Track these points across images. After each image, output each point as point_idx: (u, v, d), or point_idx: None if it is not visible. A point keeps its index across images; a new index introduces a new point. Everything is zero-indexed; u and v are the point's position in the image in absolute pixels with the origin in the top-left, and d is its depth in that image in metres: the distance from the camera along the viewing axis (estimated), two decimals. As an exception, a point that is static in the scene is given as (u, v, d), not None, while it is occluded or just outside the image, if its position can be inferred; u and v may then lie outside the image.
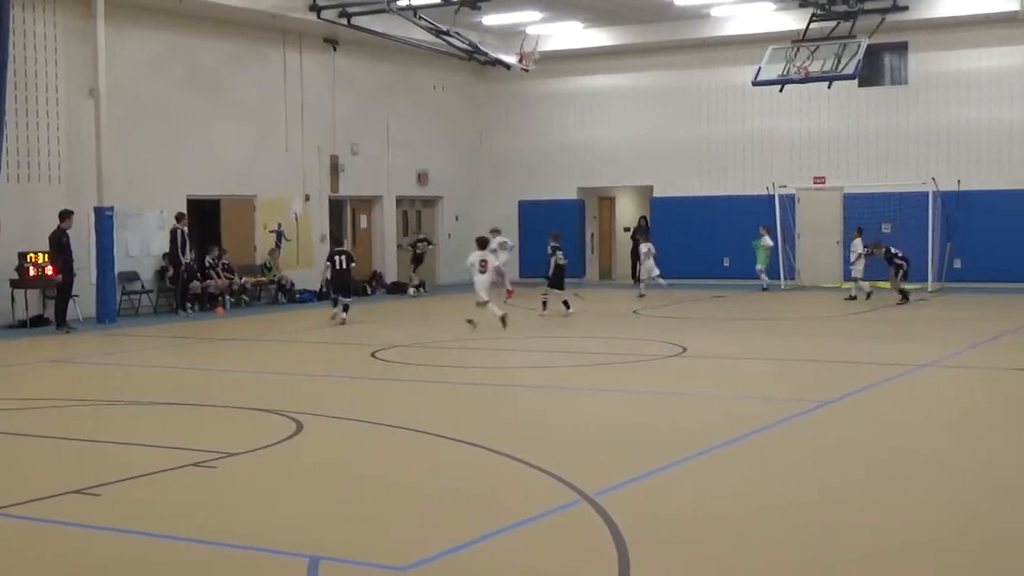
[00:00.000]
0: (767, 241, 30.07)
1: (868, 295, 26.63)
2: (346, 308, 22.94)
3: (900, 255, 25.92)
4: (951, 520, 7.98)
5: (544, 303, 24.03)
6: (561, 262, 24.15)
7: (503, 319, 20.52)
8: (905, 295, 25.55)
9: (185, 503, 8.81)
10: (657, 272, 28.85)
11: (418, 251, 30.88)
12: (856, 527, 7.89)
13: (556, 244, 24.42)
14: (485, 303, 21.16)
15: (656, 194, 33.93)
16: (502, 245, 28.84)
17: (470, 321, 21.08)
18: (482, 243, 22.65)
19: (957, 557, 7.21)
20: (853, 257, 27.02)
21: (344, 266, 23.10)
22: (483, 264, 21.44)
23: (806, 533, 7.77)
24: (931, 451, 10.38)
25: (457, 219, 35.04)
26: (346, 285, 23.34)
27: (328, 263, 23.33)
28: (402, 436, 11.41)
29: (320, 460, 10.41)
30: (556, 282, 24.10)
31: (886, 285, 29.63)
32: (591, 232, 35.87)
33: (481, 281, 21.34)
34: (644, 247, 29.43)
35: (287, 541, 7.64)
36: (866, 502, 8.58)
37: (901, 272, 25.75)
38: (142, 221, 25.53)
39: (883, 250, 25.97)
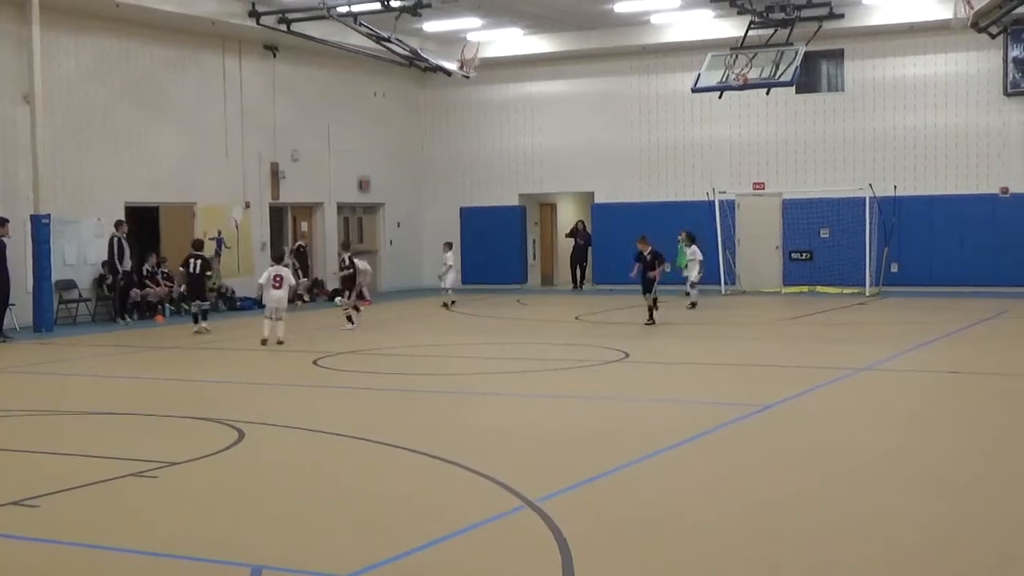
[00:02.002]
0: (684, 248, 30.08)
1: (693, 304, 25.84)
2: (204, 315, 22.69)
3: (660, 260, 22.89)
4: (901, 526, 8.04)
5: (351, 315, 23.07)
6: (348, 270, 23.32)
7: (264, 341, 19.94)
8: (652, 314, 22.67)
9: (126, 514, 8.73)
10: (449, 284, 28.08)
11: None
12: (803, 531, 7.97)
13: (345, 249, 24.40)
14: (279, 319, 20.20)
15: (597, 200, 34.07)
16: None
17: (280, 341, 20.05)
18: (278, 258, 21.78)
19: (910, 564, 7.30)
20: (695, 266, 26.07)
21: (197, 270, 22.55)
22: (277, 279, 20.30)
23: (751, 536, 7.83)
24: (874, 454, 10.49)
25: (399, 226, 35.01)
26: (200, 290, 22.92)
27: (182, 267, 23.05)
28: (344, 444, 11.37)
29: (262, 469, 10.35)
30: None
31: (828, 290, 29.99)
32: (532, 238, 35.94)
33: (277, 298, 20.21)
34: (449, 255, 28.43)
35: (229, 550, 7.59)
36: (814, 505, 8.67)
37: (655, 284, 22.62)
38: (79, 229, 25.23)
39: (649, 248, 22.96)
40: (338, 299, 24.00)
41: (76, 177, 25.12)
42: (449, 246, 28.75)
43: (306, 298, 29.03)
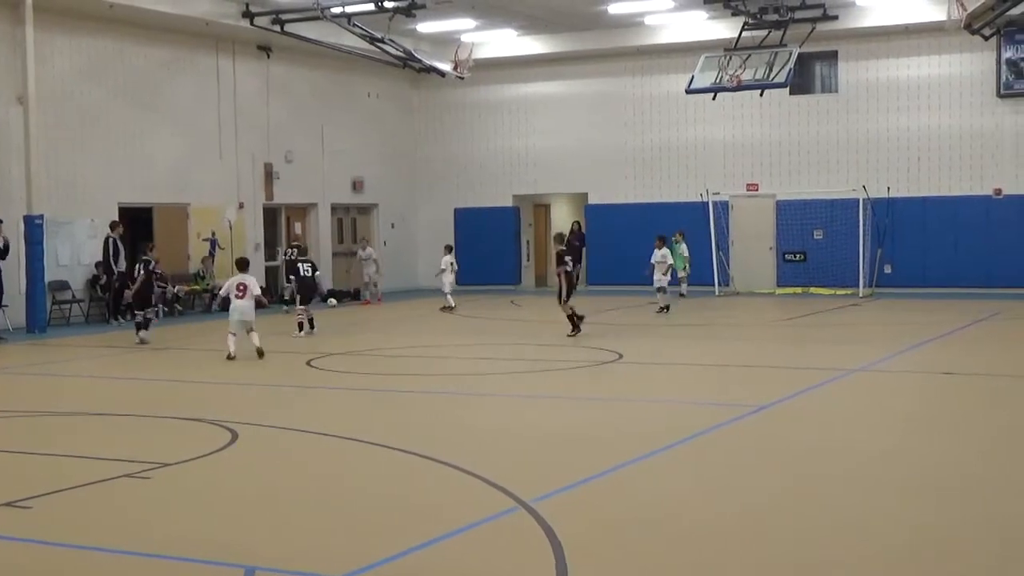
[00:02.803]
0: (683, 249, 30.16)
1: (666, 307, 25.01)
2: (146, 324, 20.66)
3: (569, 260, 21.28)
4: (897, 526, 8.04)
5: (301, 324, 21.90)
6: (305, 273, 22.26)
7: (232, 356, 17.93)
8: (574, 321, 20.68)
9: (119, 514, 8.72)
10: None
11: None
12: (799, 531, 7.97)
13: (302, 255, 23.26)
14: (251, 330, 18.21)
15: (591, 201, 34.07)
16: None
17: (231, 358, 18.08)
18: (242, 264, 19.07)
19: (907, 564, 7.29)
20: (662, 269, 25.20)
21: (141, 274, 20.72)
22: (241, 288, 18.06)
23: (747, 537, 7.83)
24: (869, 454, 10.50)
25: (393, 226, 34.98)
26: (145, 296, 20.77)
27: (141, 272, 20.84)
28: (338, 445, 11.36)
29: (255, 469, 10.34)
30: (306, 297, 22.30)
31: (822, 291, 30.01)
32: (526, 239, 35.93)
33: (242, 308, 18.11)
34: (447, 258, 27.53)
35: (222, 551, 7.58)
36: (810, 506, 8.68)
37: (566, 288, 20.73)
38: (73, 229, 25.20)
39: (562, 247, 21.55)
40: (286, 308, 23.09)
41: (70, 178, 25.08)
42: (449, 249, 28.60)
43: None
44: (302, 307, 22.13)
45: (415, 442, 11.06)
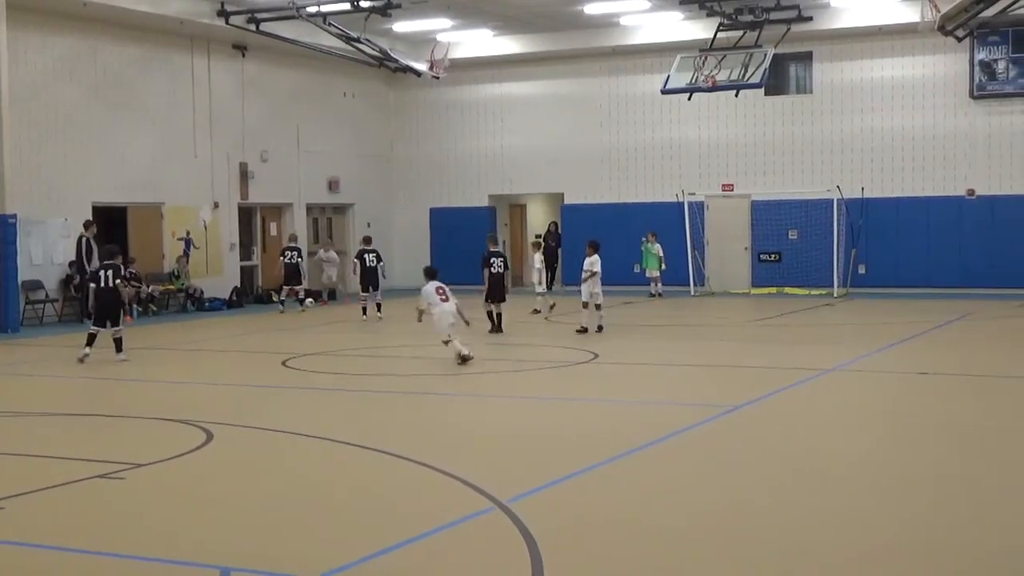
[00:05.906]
0: (656, 249, 30.23)
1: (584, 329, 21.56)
2: (90, 341, 18.14)
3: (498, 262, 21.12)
4: (876, 525, 8.08)
5: (364, 309, 25.30)
6: (371, 264, 25.53)
7: (465, 359, 16.86)
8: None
9: (92, 515, 8.68)
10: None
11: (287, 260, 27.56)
12: (774, 530, 7.99)
13: (367, 247, 26.11)
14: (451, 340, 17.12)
15: (567, 201, 34.10)
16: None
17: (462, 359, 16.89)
18: (431, 273, 17.94)
19: (887, 563, 7.32)
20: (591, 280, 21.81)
21: (108, 283, 18.12)
22: (440, 292, 17.24)
23: (722, 537, 7.85)
24: (845, 454, 10.55)
25: (369, 226, 34.89)
26: (113, 306, 18.28)
27: (92, 283, 18.76)
28: (313, 445, 11.34)
29: (231, 470, 10.32)
30: (369, 284, 25.43)
31: (797, 291, 30.09)
32: (503, 239, 35.89)
33: (451, 310, 17.08)
34: (538, 257, 26.75)
35: (198, 552, 7.56)
36: (784, 506, 8.70)
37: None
38: (46, 229, 25.05)
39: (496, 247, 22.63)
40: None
41: (43, 177, 24.93)
42: (537, 246, 28.14)
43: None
44: (365, 293, 25.28)
45: (390, 442, 11.06)
